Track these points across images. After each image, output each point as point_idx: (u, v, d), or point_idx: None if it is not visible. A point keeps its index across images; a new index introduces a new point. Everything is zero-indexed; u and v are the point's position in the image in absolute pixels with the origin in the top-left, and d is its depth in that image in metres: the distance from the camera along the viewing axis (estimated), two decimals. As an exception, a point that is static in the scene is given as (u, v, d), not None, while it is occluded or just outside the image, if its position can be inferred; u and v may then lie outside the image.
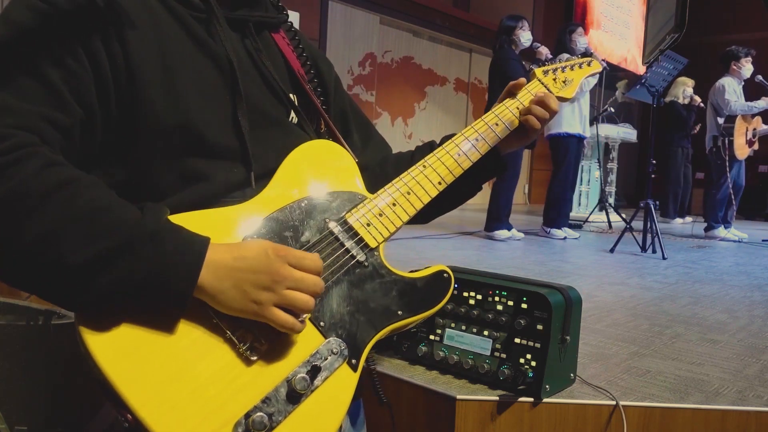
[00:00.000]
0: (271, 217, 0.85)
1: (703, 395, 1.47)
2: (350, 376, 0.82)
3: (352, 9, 7.69)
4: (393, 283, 0.91)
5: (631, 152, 11.17)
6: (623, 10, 9.03)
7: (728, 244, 5.48)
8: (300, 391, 0.76)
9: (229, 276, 0.73)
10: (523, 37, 4.82)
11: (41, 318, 1.69)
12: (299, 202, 0.88)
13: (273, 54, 1.01)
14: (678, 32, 7.81)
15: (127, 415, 0.68)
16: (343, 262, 0.87)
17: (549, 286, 1.37)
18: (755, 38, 9.09)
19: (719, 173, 5.85)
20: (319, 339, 0.82)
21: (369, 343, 0.86)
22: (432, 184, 1.00)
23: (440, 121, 9.35)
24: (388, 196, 0.96)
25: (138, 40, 0.81)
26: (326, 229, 0.88)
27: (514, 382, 1.32)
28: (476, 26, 9.27)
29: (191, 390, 0.71)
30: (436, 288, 0.94)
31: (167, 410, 0.69)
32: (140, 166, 0.81)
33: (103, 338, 0.69)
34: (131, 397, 0.68)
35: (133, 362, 0.69)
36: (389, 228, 0.93)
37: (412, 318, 0.91)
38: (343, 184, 0.95)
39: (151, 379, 0.70)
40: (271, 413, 0.74)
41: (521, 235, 4.98)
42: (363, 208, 0.93)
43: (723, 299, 2.83)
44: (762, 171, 10.13)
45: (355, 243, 0.89)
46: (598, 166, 7.23)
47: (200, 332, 0.74)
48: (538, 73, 1.18)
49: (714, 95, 5.97)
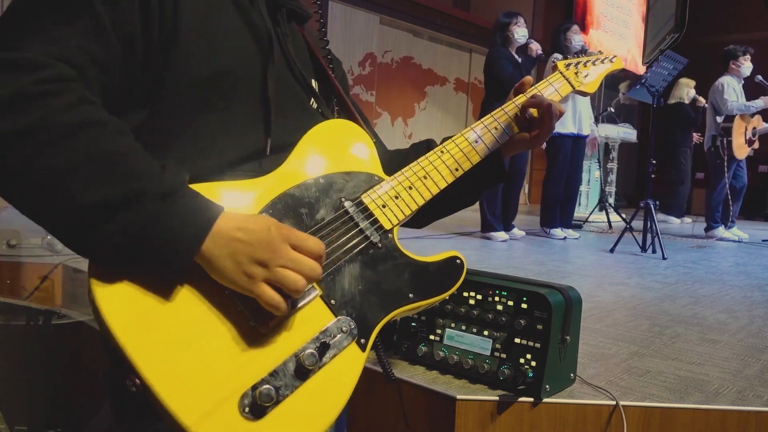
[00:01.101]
0: (288, 193, 0.85)
1: (703, 395, 1.47)
2: (358, 356, 0.82)
3: (352, 9, 7.69)
4: (405, 266, 0.91)
5: (631, 152, 11.17)
6: (623, 10, 9.03)
7: (728, 244, 5.48)
8: (308, 366, 0.76)
9: (227, 245, 0.72)
10: (518, 33, 4.74)
11: (41, 318, 1.69)
12: (316, 179, 0.89)
13: (299, 44, 1.02)
14: (678, 32, 7.81)
15: (135, 380, 0.69)
16: (357, 242, 0.87)
17: (549, 286, 1.37)
18: (755, 38, 9.08)
19: (717, 173, 5.85)
20: (329, 316, 0.82)
21: (379, 324, 0.86)
22: (449, 170, 1.00)
23: (440, 121, 9.36)
24: (405, 179, 0.96)
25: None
26: (341, 208, 0.88)
27: (514, 382, 1.32)
28: (476, 26, 9.27)
29: (201, 358, 0.71)
30: (448, 273, 0.94)
31: (176, 377, 0.69)
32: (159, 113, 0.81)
33: (116, 303, 0.69)
34: (141, 362, 0.68)
35: (145, 329, 0.70)
36: (404, 211, 0.93)
37: (422, 302, 0.91)
38: (361, 165, 0.95)
39: (161, 346, 0.70)
40: (279, 387, 0.74)
41: (522, 233, 4.98)
42: (379, 189, 0.93)
43: (723, 299, 2.83)
44: (762, 171, 10.13)
45: (369, 224, 0.89)
46: (598, 166, 7.24)
47: (213, 302, 0.75)
48: (560, 65, 1.18)
49: (713, 94, 5.97)
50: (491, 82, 4.77)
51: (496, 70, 4.66)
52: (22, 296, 2.14)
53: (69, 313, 1.91)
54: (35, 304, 1.74)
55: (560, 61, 1.18)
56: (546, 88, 1.12)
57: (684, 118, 7.40)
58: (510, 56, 4.75)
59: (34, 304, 1.74)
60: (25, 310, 1.70)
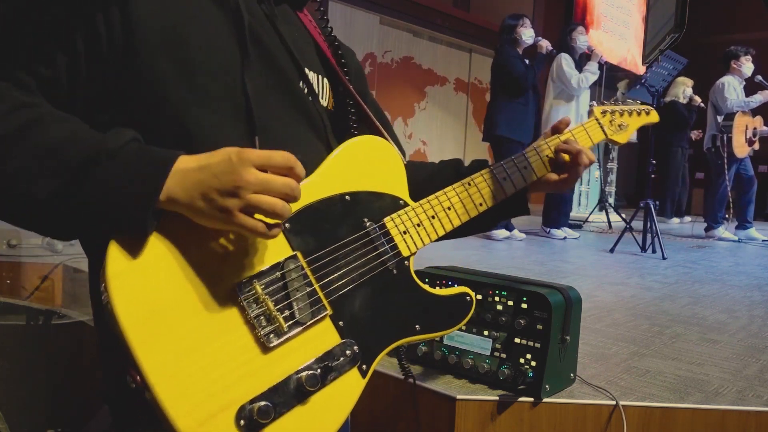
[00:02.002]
0: (312, 206, 0.84)
1: (703, 395, 1.47)
2: (358, 381, 0.82)
3: (352, 9, 7.69)
4: (417, 297, 0.90)
5: (631, 152, 11.17)
6: (623, 10, 9.02)
7: (728, 244, 5.48)
8: (309, 387, 0.76)
9: (195, 186, 0.70)
10: (525, 34, 4.81)
11: (41, 318, 1.69)
12: (342, 195, 0.87)
13: (295, 27, 0.97)
14: (678, 32, 7.81)
15: (136, 377, 0.68)
16: (374, 266, 0.86)
17: (549, 286, 1.37)
18: (755, 38, 9.08)
19: (718, 173, 5.85)
20: (335, 338, 0.81)
21: (382, 352, 0.85)
22: (474, 204, 1.00)
23: (440, 121, 9.35)
24: (430, 208, 0.95)
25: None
26: (363, 229, 0.87)
27: (514, 382, 1.32)
28: (476, 26, 9.27)
29: (204, 365, 0.71)
30: (457, 308, 0.93)
31: (177, 380, 0.69)
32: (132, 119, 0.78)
33: (128, 297, 0.69)
34: (144, 360, 0.67)
35: (153, 328, 0.69)
36: (424, 240, 0.93)
37: (427, 335, 0.90)
38: (389, 187, 0.93)
39: (167, 348, 0.69)
40: (277, 404, 0.74)
41: (522, 236, 4.98)
42: (403, 214, 0.92)
43: (723, 299, 2.83)
44: (762, 171, 10.13)
45: (389, 248, 0.88)
46: (598, 166, 7.23)
47: (223, 309, 0.74)
48: (596, 112, 1.18)
49: (714, 93, 5.97)
50: (503, 81, 4.79)
51: (509, 68, 4.68)
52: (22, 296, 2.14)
53: (69, 313, 1.91)
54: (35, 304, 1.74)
55: (597, 107, 1.18)
56: (579, 134, 1.12)
57: (676, 117, 7.40)
58: (520, 56, 4.80)
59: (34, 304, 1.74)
60: (25, 310, 1.70)
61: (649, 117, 1.25)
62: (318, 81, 0.97)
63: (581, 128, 1.13)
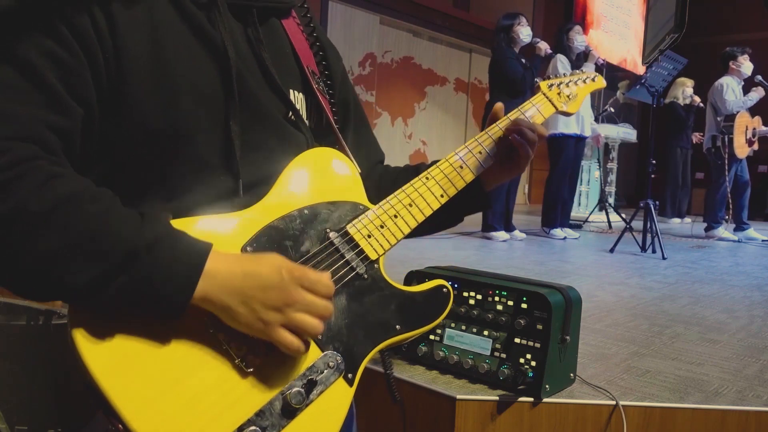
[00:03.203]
0: (272, 225, 0.83)
1: (702, 395, 1.48)
2: (346, 391, 0.81)
3: (352, 9, 7.69)
4: (392, 297, 0.89)
5: (631, 152, 11.17)
6: (623, 10, 9.02)
7: (728, 244, 5.48)
8: (295, 405, 0.75)
9: (238, 291, 0.71)
10: (522, 33, 4.77)
11: (41, 318, 1.69)
12: (300, 210, 0.86)
13: (279, 45, 0.95)
14: (677, 32, 7.83)
15: (118, 426, 0.67)
16: (343, 274, 0.86)
17: (549, 286, 1.37)
18: (755, 38, 9.09)
19: (718, 173, 5.85)
20: (316, 352, 0.80)
21: (366, 357, 0.84)
22: (434, 196, 0.98)
23: (440, 121, 9.35)
24: (390, 208, 0.94)
25: (128, 21, 0.76)
26: (327, 240, 0.86)
27: (514, 382, 1.32)
28: (476, 26, 9.27)
29: (185, 402, 0.70)
30: (434, 303, 0.93)
31: (160, 422, 0.68)
32: (123, 166, 0.78)
33: (96, 345, 0.68)
34: (123, 407, 0.66)
35: (126, 371, 0.68)
36: (390, 240, 0.92)
37: (410, 333, 0.89)
38: (345, 194, 0.93)
39: (144, 389, 0.68)
40: (265, 427, 0.73)
41: (522, 236, 4.98)
42: (364, 219, 0.91)
43: (723, 299, 2.83)
44: (762, 171, 10.13)
45: (355, 255, 0.88)
46: (598, 166, 7.24)
47: (196, 343, 0.73)
48: (543, 86, 1.17)
49: (713, 94, 5.97)
50: (500, 82, 4.77)
51: (506, 70, 4.66)
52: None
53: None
54: (35, 304, 1.74)
55: (543, 82, 1.18)
56: (529, 110, 1.12)
57: (675, 118, 7.42)
58: (517, 56, 4.77)
59: (34, 304, 1.74)
60: (25, 310, 1.70)
61: (595, 83, 1.24)
62: (301, 100, 0.96)
63: (529, 104, 1.12)
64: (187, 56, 0.80)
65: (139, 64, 0.76)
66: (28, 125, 0.68)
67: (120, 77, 0.75)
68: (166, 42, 0.79)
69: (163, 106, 0.78)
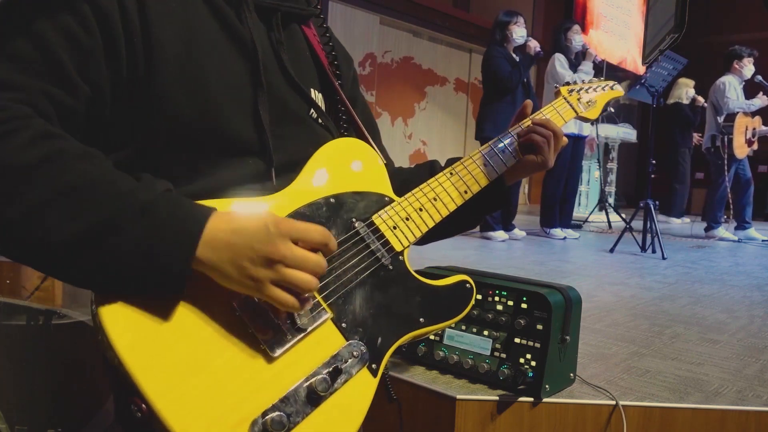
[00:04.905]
0: (298, 212, 0.83)
1: (702, 395, 1.48)
2: (369, 382, 0.81)
3: (352, 9, 7.68)
4: (416, 290, 0.89)
5: (631, 152, 11.17)
6: (623, 10, 9.02)
7: (728, 244, 5.48)
8: (320, 392, 0.74)
9: (226, 249, 0.69)
10: (517, 33, 4.73)
11: (41, 318, 1.69)
12: (327, 198, 0.87)
13: (299, 48, 0.98)
14: (677, 32, 7.83)
15: (142, 405, 0.66)
16: (368, 264, 0.86)
17: (549, 286, 1.37)
18: (755, 38, 9.08)
19: (718, 173, 5.85)
20: (340, 340, 0.80)
21: (390, 349, 0.84)
22: (458, 192, 1.00)
23: (440, 121, 9.35)
24: (416, 201, 0.95)
25: (162, 13, 0.77)
26: (352, 229, 0.87)
27: (514, 382, 1.32)
28: (476, 26, 9.27)
29: (209, 384, 0.69)
30: (458, 297, 0.93)
31: (184, 404, 0.67)
32: (147, 153, 0.78)
33: (123, 325, 0.67)
34: (148, 387, 0.66)
35: (153, 352, 0.67)
36: (415, 233, 0.92)
37: (433, 327, 0.89)
38: (372, 185, 0.93)
39: (169, 371, 0.67)
40: (290, 413, 0.72)
41: (522, 234, 4.98)
42: (390, 210, 0.92)
43: (723, 299, 2.83)
44: (762, 171, 10.13)
45: (381, 245, 0.88)
46: (598, 166, 7.23)
47: (222, 326, 0.72)
48: (563, 91, 1.19)
49: (714, 93, 5.96)
50: (489, 81, 4.77)
51: (493, 68, 4.65)
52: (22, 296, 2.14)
53: (69, 313, 1.91)
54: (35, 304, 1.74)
55: (563, 87, 1.19)
56: (550, 113, 1.13)
57: (682, 119, 7.42)
58: (507, 55, 4.74)
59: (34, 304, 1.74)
60: (25, 310, 1.70)
61: (614, 92, 1.26)
62: (320, 100, 0.98)
63: (551, 108, 1.14)
64: (218, 50, 0.82)
65: (171, 56, 0.77)
66: (28, 92, 0.69)
67: (150, 67, 0.76)
68: (199, 36, 0.80)
69: (195, 98, 0.79)
